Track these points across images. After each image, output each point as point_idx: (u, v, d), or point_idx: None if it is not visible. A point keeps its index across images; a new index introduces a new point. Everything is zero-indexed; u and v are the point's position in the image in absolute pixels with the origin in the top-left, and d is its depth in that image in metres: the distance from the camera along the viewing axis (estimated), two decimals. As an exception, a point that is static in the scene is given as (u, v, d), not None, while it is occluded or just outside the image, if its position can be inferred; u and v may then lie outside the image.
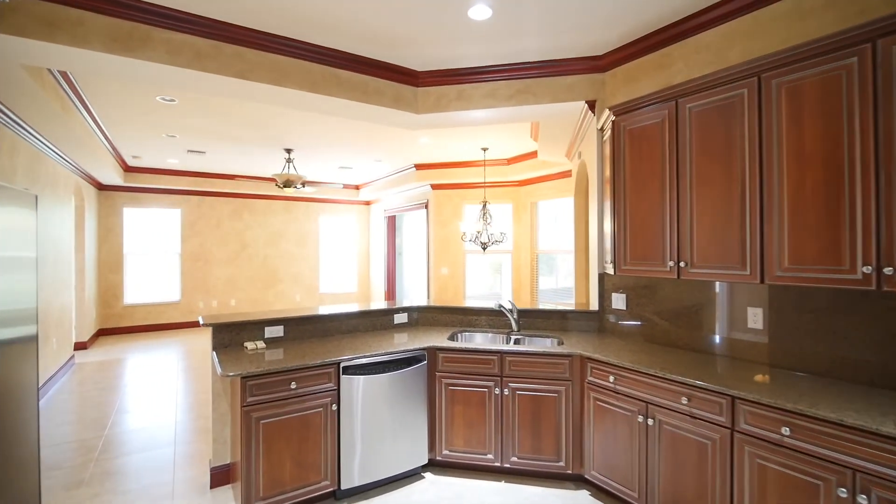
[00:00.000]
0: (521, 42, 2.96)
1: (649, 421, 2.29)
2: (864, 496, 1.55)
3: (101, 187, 7.76)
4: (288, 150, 6.17)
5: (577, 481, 2.79)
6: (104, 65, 2.59)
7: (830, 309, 2.09)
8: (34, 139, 4.21)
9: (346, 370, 2.60)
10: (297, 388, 2.44)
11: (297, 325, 3.10)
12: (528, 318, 3.44)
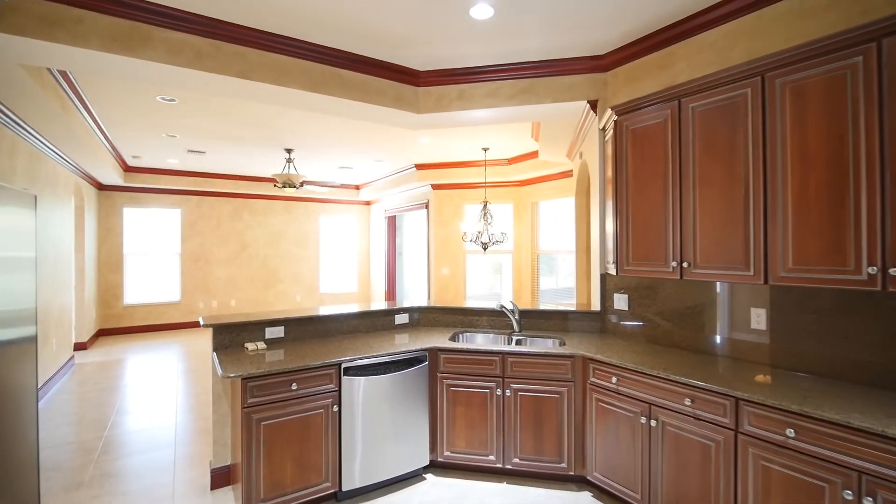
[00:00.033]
0: (522, 41, 2.95)
1: (652, 422, 2.28)
2: (870, 498, 1.54)
3: (101, 187, 7.75)
4: (288, 150, 6.16)
5: (579, 483, 2.78)
6: (104, 64, 2.58)
7: (834, 310, 2.08)
8: (34, 139, 4.20)
9: (348, 371, 2.59)
10: (298, 389, 2.43)
11: (298, 325, 3.09)
12: (529, 319, 3.43)
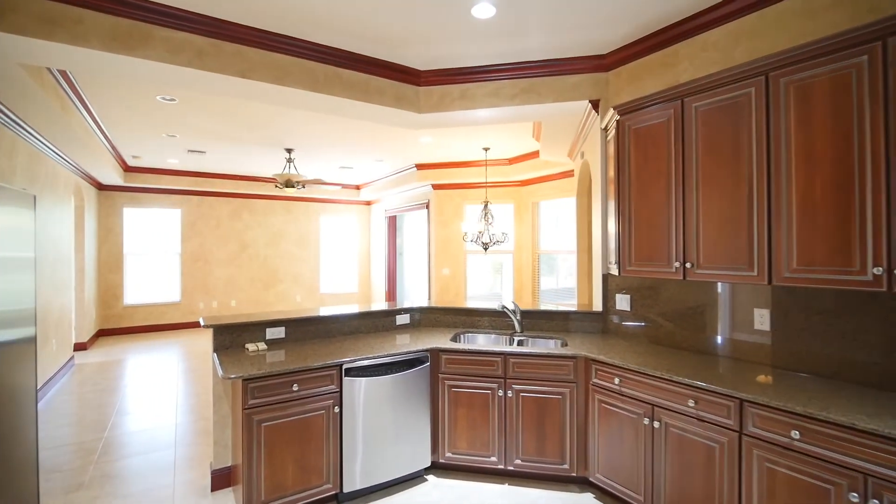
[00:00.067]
0: (524, 41, 2.93)
1: (655, 423, 2.26)
2: (876, 501, 1.53)
3: (101, 187, 7.74)
4: (288, 150, 6.15)
5: (581, 484, 2.77)
6: (104, 64, 2.56)
7: (838, 310, 2.07)
8: (34, 139, 4.19)
9: (349, 372, 2.58)
10: (299, 390, 2.42)
11: (299, 326, 3.07)
12: (531, 319, 3.41)
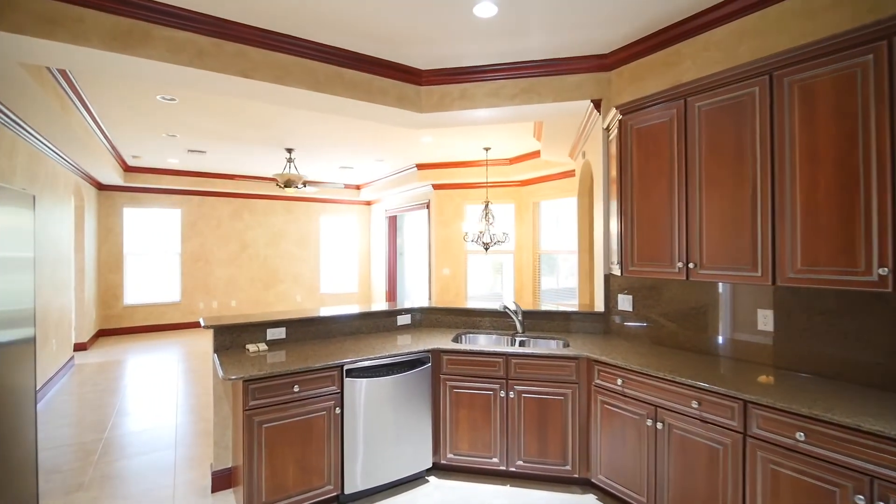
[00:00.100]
0: (525, 40, 2.92)
1: (658, 425, 2.25)
2: (883, 503, 1.52)
3: (101, 187, 7.73)
4: (289, 150, 6.13)
5: (583, 485, 2.75)
6: (105, 63, 2.55)
7: (841, 311, 2.06)
8: (33, 139, 4.18)
9: (350, 373, 2.56)
10: (299, 391, 2.41)
11: (300, 326, 3.06)
12: (532, 320, 3.40)
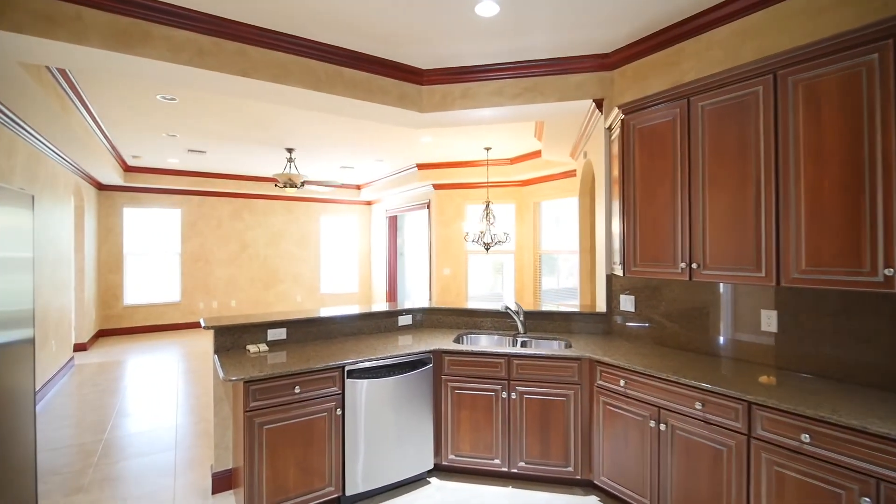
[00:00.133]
0: (528, 39, 2.91)
1: (661, 426, 2.24)
2: (889, 506, 1.50)
3: (101, 187, 7.71)
4: (289, 150, 6.12)
5: (586, 487, 2.74)
6: (104, 62, 2.54)
7: (846, 312, 2.04)
8: (33, 139, 4.16)
9: (351, 374, 2.55)
10: (300, 392, 2.39)
11: (300, 327, 3.05)
12: (534, 320, 3.39)
